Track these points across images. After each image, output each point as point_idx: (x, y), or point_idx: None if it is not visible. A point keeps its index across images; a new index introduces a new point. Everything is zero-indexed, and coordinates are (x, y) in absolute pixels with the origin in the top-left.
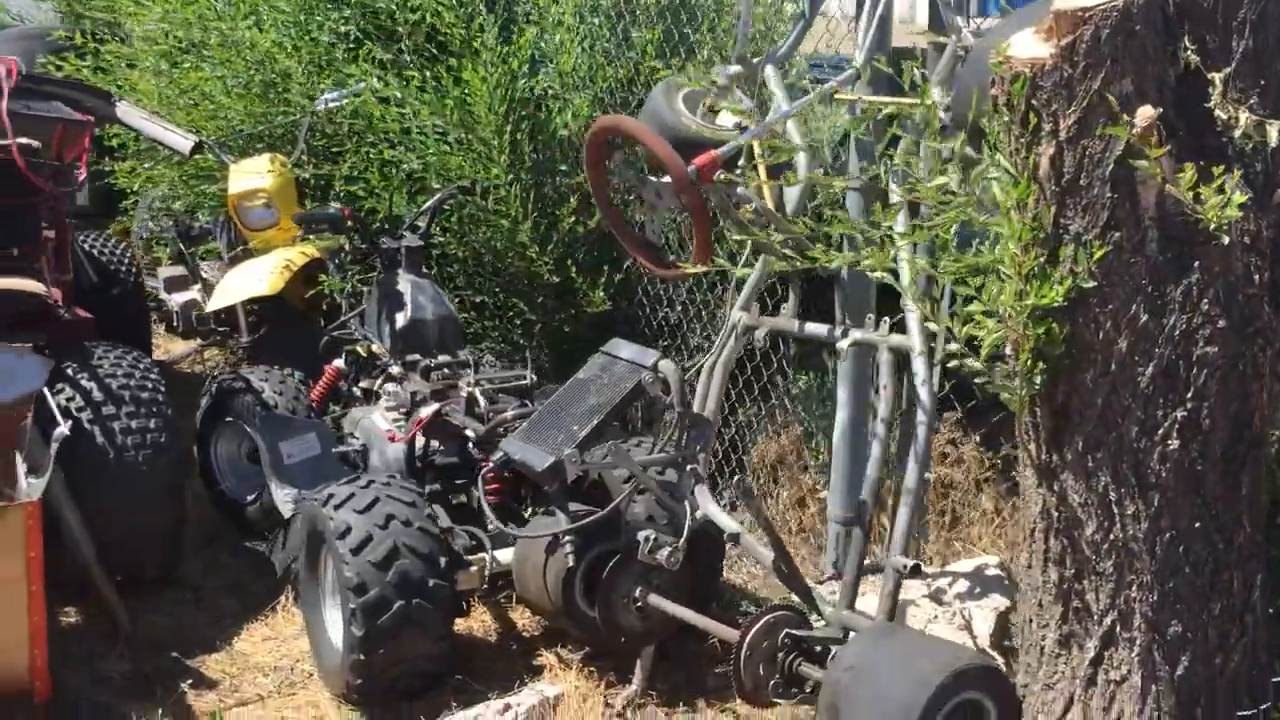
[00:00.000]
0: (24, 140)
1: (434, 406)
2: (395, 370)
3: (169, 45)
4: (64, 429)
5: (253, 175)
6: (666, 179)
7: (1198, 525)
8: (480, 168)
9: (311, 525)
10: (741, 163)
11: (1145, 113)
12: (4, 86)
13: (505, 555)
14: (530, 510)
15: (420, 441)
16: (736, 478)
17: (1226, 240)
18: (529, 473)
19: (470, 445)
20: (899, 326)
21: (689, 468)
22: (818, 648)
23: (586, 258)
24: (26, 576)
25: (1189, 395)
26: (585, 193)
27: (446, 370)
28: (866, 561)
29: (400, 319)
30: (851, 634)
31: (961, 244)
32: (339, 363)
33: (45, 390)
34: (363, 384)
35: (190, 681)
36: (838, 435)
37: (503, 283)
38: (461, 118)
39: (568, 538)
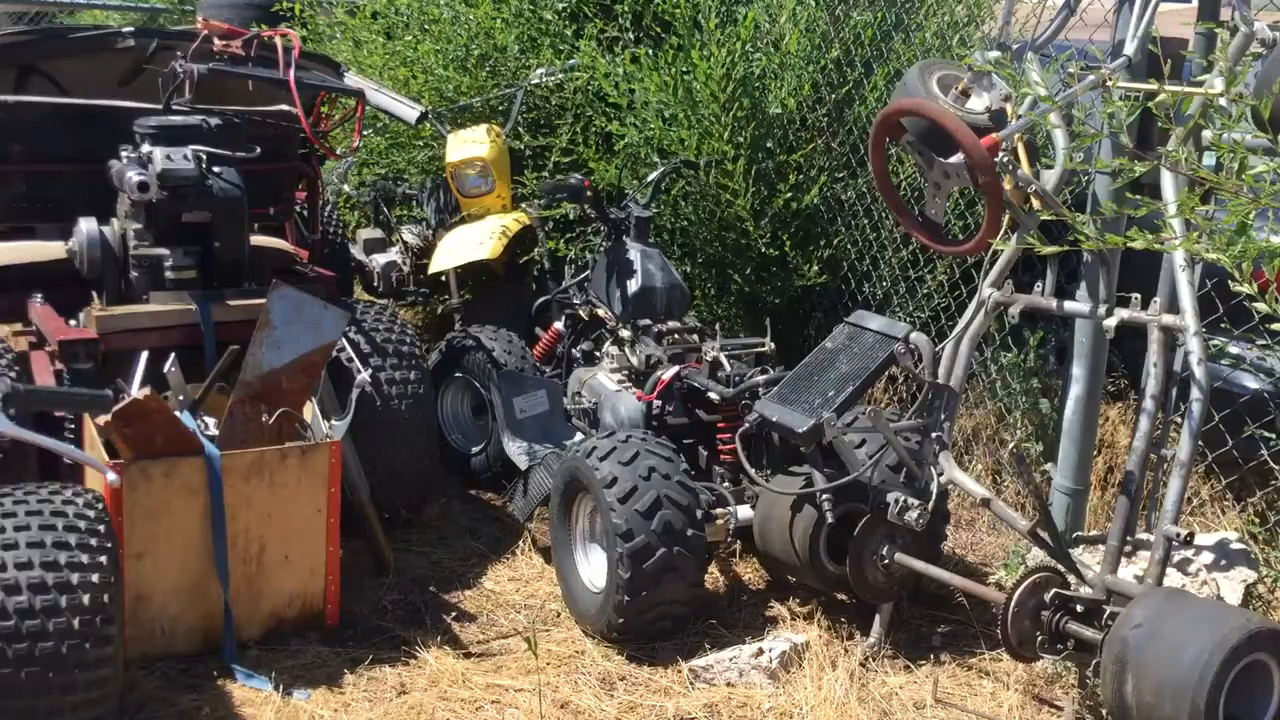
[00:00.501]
0: (285, 107)
1: (673, 369)
2: (625, 334)
3: (391, 19)
4: (365, 376)
5: (471, 144)
6: (955, 159)
7: None
8: (705, 143)
9: (571, 475)
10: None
11: None
12: (291, 57)
13: (741, 511)
14: (768, 471)
15: (657, 402)
16: (1010, 445)
17: None
18: (787, 434)
19: (695, 409)
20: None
21: (935, 435)
22: (1080, 608)
23: (797, 233)
24: (327, 509)
25: None
26: (798, 169)
27: (677, 335)
28: (1077, 534)
29: (631, 285)
30: (1119, 596)
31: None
32: (559, 325)
33: (345, 340)
34: (583, 346)
35: (454, 615)
36: (1070, 409)
37: (714, 255)
38: (684, 94)
39: (824, 496)
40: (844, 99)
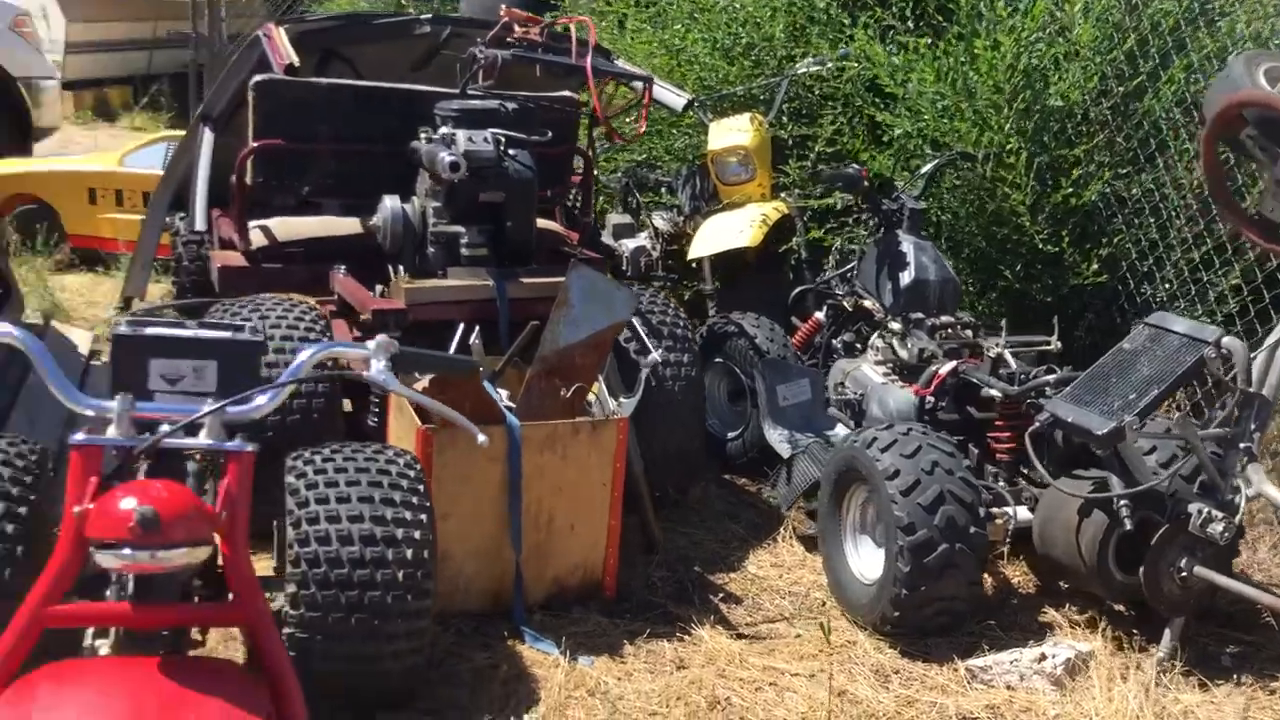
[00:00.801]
0: (567, 93)
1: (950, 364)
2: (895, 327)
3: (661, 5)
4: (655, 357)
5: (733, 132)
6: None
7: None
8: (983, 135)
9: (846, 465)
10: None
11: None
12: (587, 45)
13: (1020, 512)
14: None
15: (930, 397)
16: None
17: None
18: (1084, 436)
19: (967, 406)
20: None
21: (1243, 446)
22: None
23: (1075, 229)
24: (611, 484)
25: None
26: (1078, 163)
27: (951, 330)
28: None
29: (904, 278)
30: None
31: None
32: (819, 315)
33: (635, 320)
34: (844, 337)
35: (721, 595)
36: None
37: (981, 250)
38: (962, 84)
39: (1122, 502)
40: (1132, 92)
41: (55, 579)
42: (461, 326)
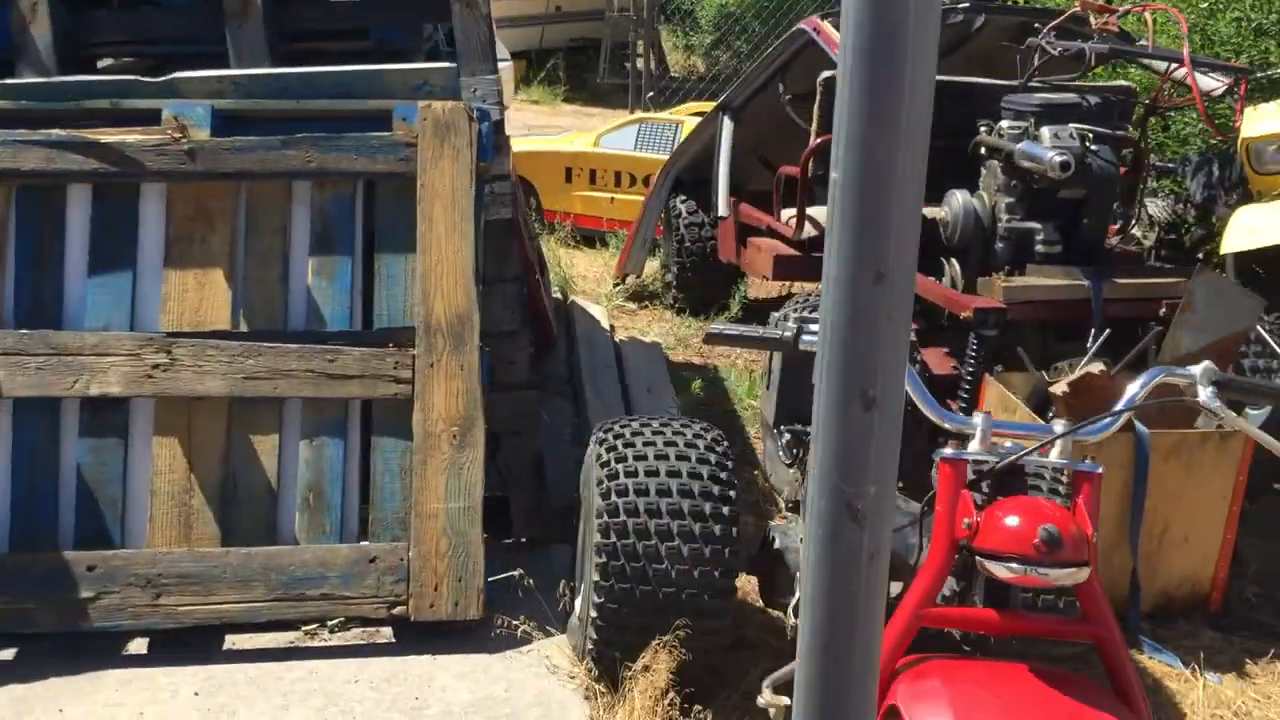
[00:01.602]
0: (1125, 83)
1: None
2: None
3: None
4: None
5: (1274, 119)
6: None
7: None
8: None
9: None
10: None
11: None
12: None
13: None
14: None
15: None
16: None
17: None
18: None
19: None
20: None
21: None
22: None
23: None
24: (1231, 496)
25: None
26: None
27: None
28: None
29: None
30: None
31: None
32: None
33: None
34: None
35: None
36: None
37: None
38: None
39: None
40: None
41: (932, 583)
42: (1106, 331)
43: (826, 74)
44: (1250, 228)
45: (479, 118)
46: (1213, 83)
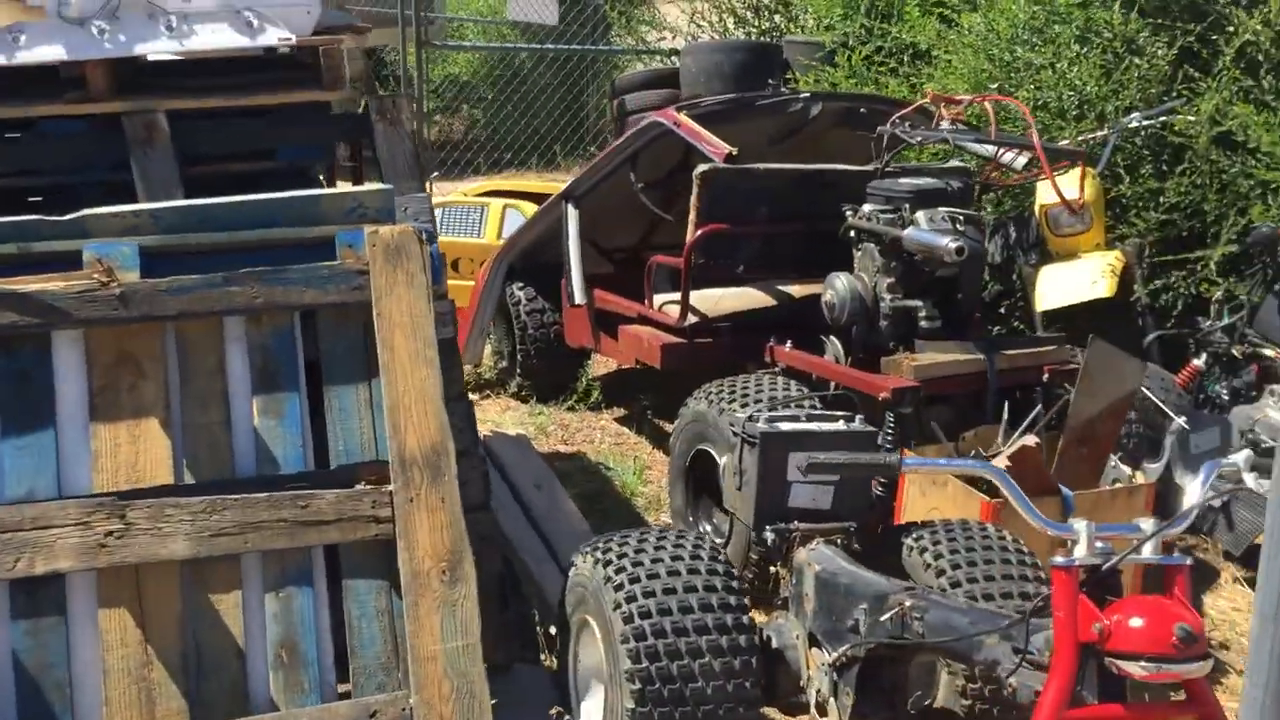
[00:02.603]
0: (958, 163)
1: None
2: None
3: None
4: (1181, 423)
5: (1068, 187)
6: None
7: None
8: None
9: None
10: None
11: None
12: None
13: None
14: None
15: None
16: None
17: None
18: None
19: None
20: None
21: None
22: None
23: None
24: None
25: None
26: None
27: None
28: None
29: None
30: None
31: None
32: (1197, 362)
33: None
34: (1232, 383)
35: None
36: None
37: None
38: None
39: None
40: None
41: (1067, 684)
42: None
43: (703, 167)
44: (1060, 286)
45: (426, 239)
46: (1021, 158)
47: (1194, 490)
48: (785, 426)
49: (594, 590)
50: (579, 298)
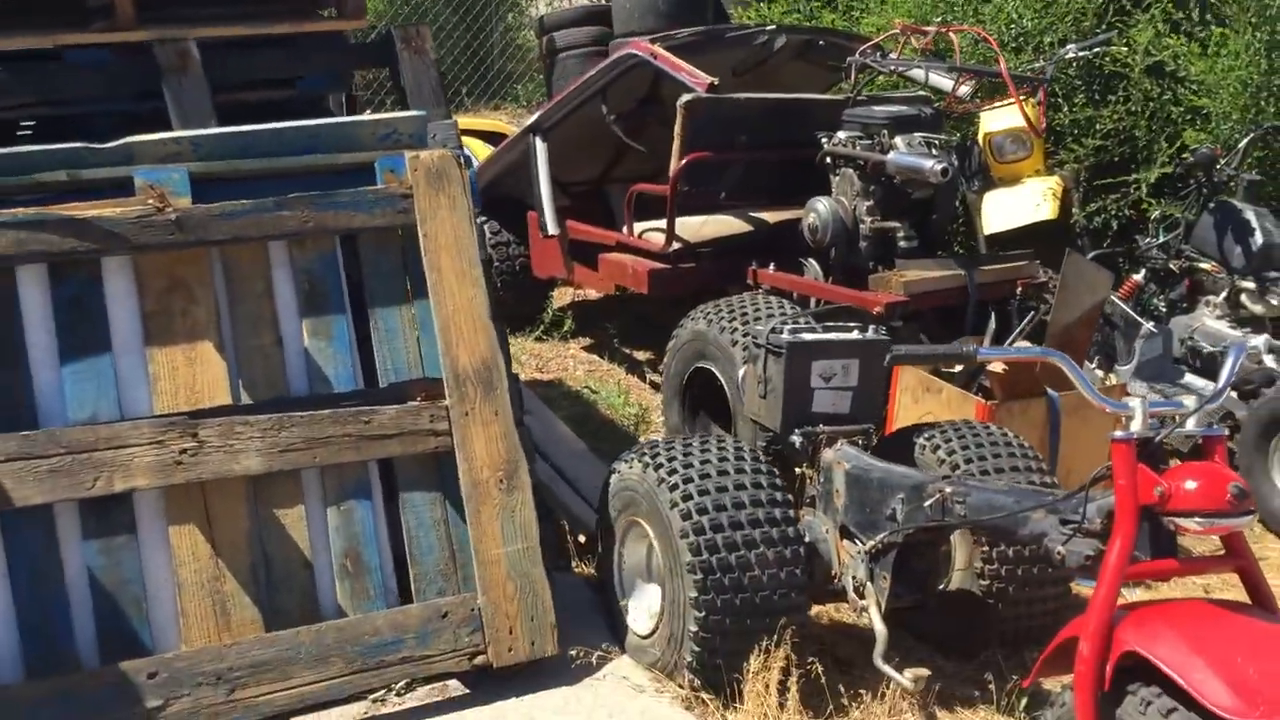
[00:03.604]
0: (925, 94)
1: None
2: (1248, 285)
3: None
4: (1150, 326)
5: (1011, 115)
6: None
7: None
8: None
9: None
10: None
11: None
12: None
13: None
14: None
15: None
16: None
17: None
18: None
19: None
20: None
21: None
22: None
23: None
24: None
25: None
26: None
27: None
28: None
29: (1254, 241)
30: None
31: None
32: (1137, 277)
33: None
34: (1170, 296)
35: None
36: None
37: None
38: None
39: None
40: None
41: (1129, 544)
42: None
43: (688, 97)
44: (1005, 210)
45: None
46: (965, 87)
47: (1227, 368)
48: (808, 337)
49: (645, 493)
50: (551, 229)
